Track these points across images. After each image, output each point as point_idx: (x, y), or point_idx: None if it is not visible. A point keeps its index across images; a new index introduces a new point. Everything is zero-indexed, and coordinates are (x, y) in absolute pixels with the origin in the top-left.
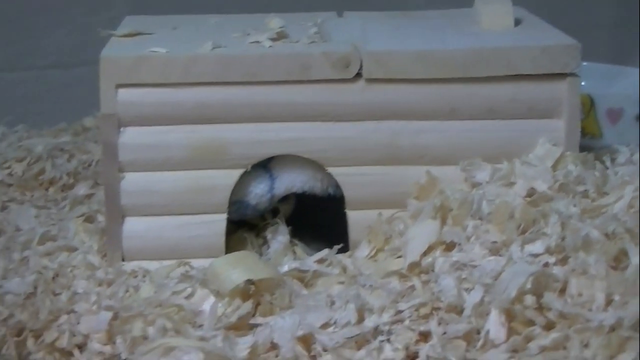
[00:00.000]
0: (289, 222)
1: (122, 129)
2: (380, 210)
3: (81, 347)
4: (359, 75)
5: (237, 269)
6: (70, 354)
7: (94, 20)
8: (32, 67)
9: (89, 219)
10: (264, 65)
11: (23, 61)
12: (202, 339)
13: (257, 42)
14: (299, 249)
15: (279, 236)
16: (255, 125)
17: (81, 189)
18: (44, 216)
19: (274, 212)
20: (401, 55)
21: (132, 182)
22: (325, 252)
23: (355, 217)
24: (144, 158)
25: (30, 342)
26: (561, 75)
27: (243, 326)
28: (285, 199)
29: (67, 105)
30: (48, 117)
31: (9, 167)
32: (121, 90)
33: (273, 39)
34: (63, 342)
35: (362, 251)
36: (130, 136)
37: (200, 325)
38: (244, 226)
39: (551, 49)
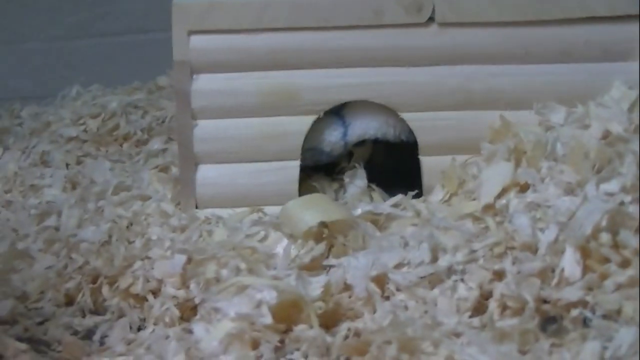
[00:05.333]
0: (364, 167)
1: (194, 76)
2: (453, 156)
3: (155, 292)
4: (431, 19)
5: (310, 211)
6: (145, 299)
7: None
8: (106, 34)
9: (163, 170)
10: (337, 10)
11: (96, 27)
12: (275, 278)
13: None
14: (376, 193)
15: (357, 180)
16: (327, 71)
17: (155, 144)
18: (118, 169)
19: (349, 155)
20: None
21: (205, 129)
22: (399, 197)
23: (428, 163)
24: (216, 105)
25: (105, 289)
26: (637, 17)
27: (317, 267)
28: (361, 143)
29: (141, 68)
30: (122, 79)
31: (83, 124)
32: (193, 37)
33: None
34: (137, 288)
35: (436, 196)
36: (203, 83)
37: (274, 267)
38: (318, 172)
39: None
